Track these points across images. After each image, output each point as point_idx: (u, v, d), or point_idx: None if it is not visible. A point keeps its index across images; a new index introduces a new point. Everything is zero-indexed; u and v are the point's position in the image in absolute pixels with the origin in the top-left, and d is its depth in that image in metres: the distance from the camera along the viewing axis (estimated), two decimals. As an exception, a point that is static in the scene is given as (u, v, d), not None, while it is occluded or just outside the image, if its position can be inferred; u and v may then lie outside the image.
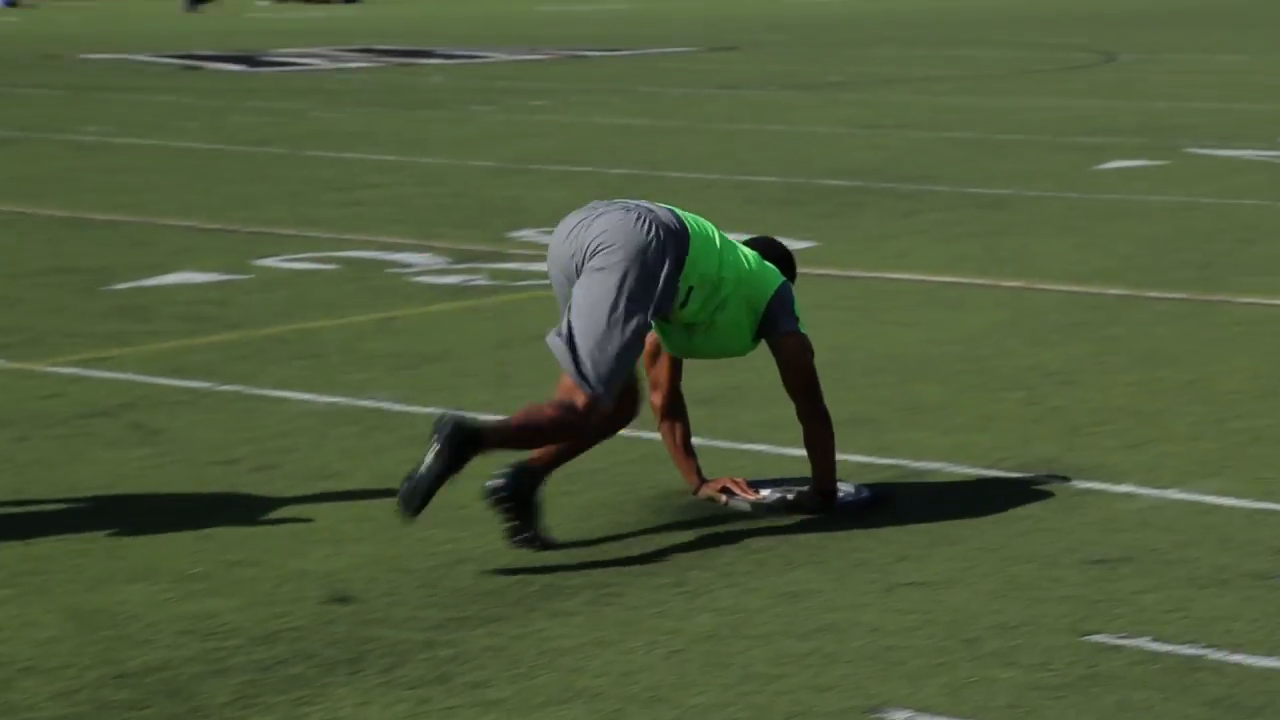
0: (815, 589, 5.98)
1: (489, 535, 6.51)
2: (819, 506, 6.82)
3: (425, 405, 8.42)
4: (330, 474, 7.35)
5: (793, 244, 12.74)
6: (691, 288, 6.60)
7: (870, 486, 7.11)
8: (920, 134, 20.03)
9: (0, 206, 13.91)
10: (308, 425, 8.09)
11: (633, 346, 6.46)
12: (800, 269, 7.42)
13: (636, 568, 6.23)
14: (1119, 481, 7.21)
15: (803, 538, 6.53)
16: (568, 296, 6.62)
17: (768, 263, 6.88)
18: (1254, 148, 18.55)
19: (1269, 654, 5.36)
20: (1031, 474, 7.31)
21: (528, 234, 13.35)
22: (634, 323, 6.43)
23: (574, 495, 7.03)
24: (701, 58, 32.82)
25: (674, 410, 7.13)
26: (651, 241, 6.50)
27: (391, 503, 6.33)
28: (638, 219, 6.54)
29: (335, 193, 15.56)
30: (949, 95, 24.97)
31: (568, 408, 6.48)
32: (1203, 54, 32.41)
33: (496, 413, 8.22)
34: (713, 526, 6.68)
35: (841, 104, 23.83)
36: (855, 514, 6.81)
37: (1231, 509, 6.85)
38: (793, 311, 6.86)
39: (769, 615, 5.75)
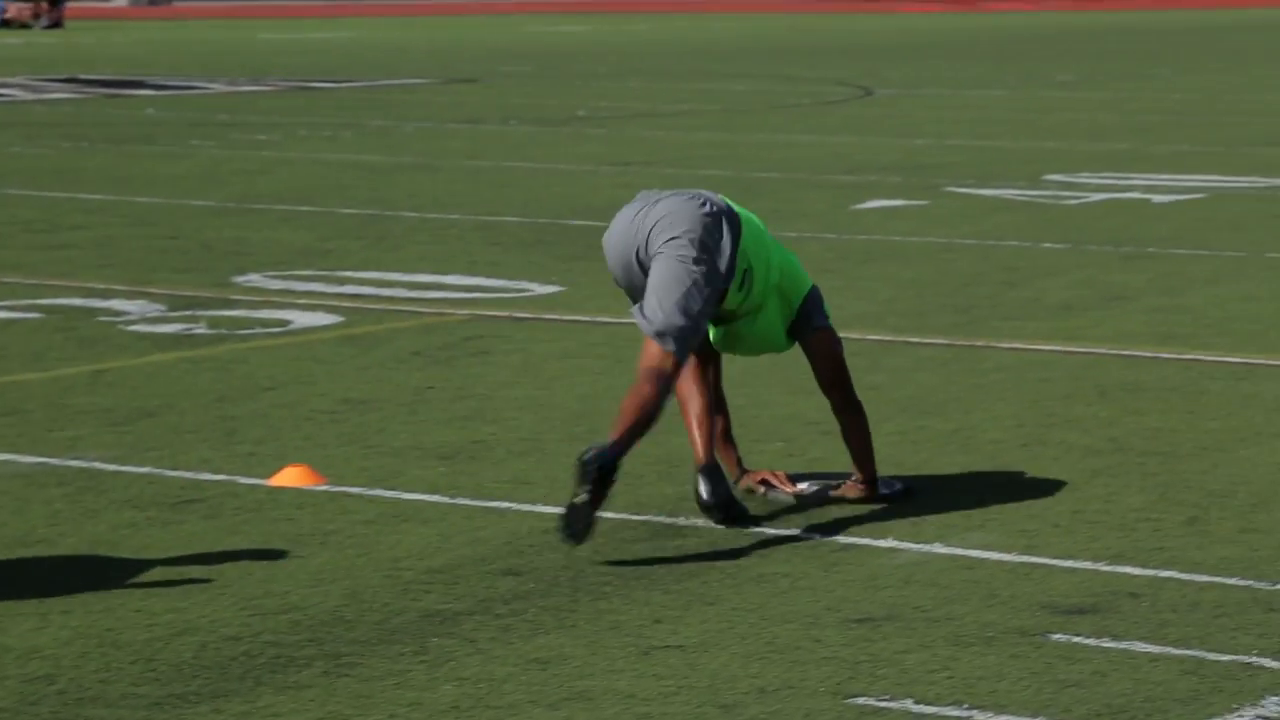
0: (566, 654, 6.02)
1: (214, 604, 6.47)
2: (863, 496, 7.59)
3: (141, 465, 8.33)
4: (35, 540, 7.24)
5: (538, 288, 12.88)
6: (747, 269, 7.43)
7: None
8: (671, 171, 20.21)
9: None
10: (10, 488, 7.96)
11: (707, 309, 7.31)
12: (542, 315, 7.49)
13: (373, 635, 6.22)
14: (881, 536, 7.34)
15: (552, 600, 6.56)
16: (632, 283, 7.46)
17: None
18: (1013, 186, 18.97)
19: (1034, 714, 5.49)
20: (792, 530, 7.42)
21: (253, 279, 13.27)
22: (708, 286, 7.28)
23: (305, 559, 7.01)
24: (438, 90, 32.85)
25: (716, 404, 7.74)
26: (711, 218, 7.39)
27: (102, 572, 6.25)
28: (695, 199, 7.43)
29: (37, 234, 15.36)
30: (701, 130, 25.24)
31: (659, 375, 7.35)
32: (961, 89, 33.09)
33: (217, 473, 8.20)
34: (453, 589, 6.68)
35: (588, 140, 23.98)
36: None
37: (996, 563, 7.00)
38: (823, 309, 7.74)
39: (516, 684, 5.77)
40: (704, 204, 7.44)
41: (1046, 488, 8.05)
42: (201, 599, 6.56)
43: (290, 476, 8.10)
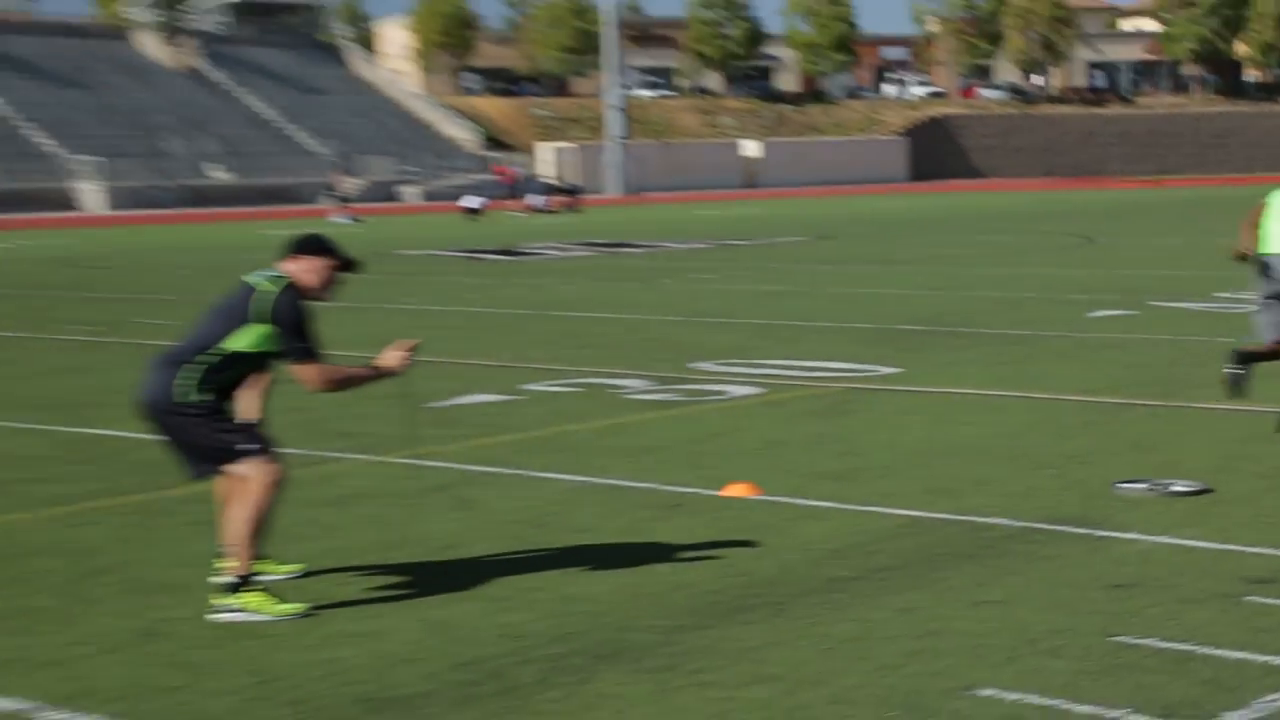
0: (920, 606, 5.92)
1: (698, 567, 6.53)
2: None
3: (645, 481, 8.44)
4: (585, 528, 7.39)
5: (885, 369, 12.72)
6: None
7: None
8: (964, 293, 19.86)
9: (354, 352, 14.16)
10: (567, 496, 8.15)
11: None
12: (889, 387, 7.40)
13: (797, 591, 6.21)
14: (1126, 530, 7.10)
15: (911, 570, 6.47)
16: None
17: None
18: (1195, 301, 18.22)
19: (1239, 649, 5.26)
20: (1062, 525, 7.22)
21: (704, 365, 13.38)
22: None
23: (752, 543, 7.01)
24: (810, 244, 32.79)
25: None
26: None
27: (627, 544, 6.35)
28: None
29: (572, 339, 15.68)
30: (981, 267, 24.72)
31: None
32: (1153, 238, 31.87)
33: (691, 487, 8.27)
34: (845, 562, 6.63)
35: (909, 274, 23.69)
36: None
37: (1204, 549, 6.72)
38: None
39: (889, 625, 5.70)
40: None
41: (1236, 499, 7.71)
42: (689, 564, 6.63)
43: (738, 489, 8.13)
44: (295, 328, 5.95)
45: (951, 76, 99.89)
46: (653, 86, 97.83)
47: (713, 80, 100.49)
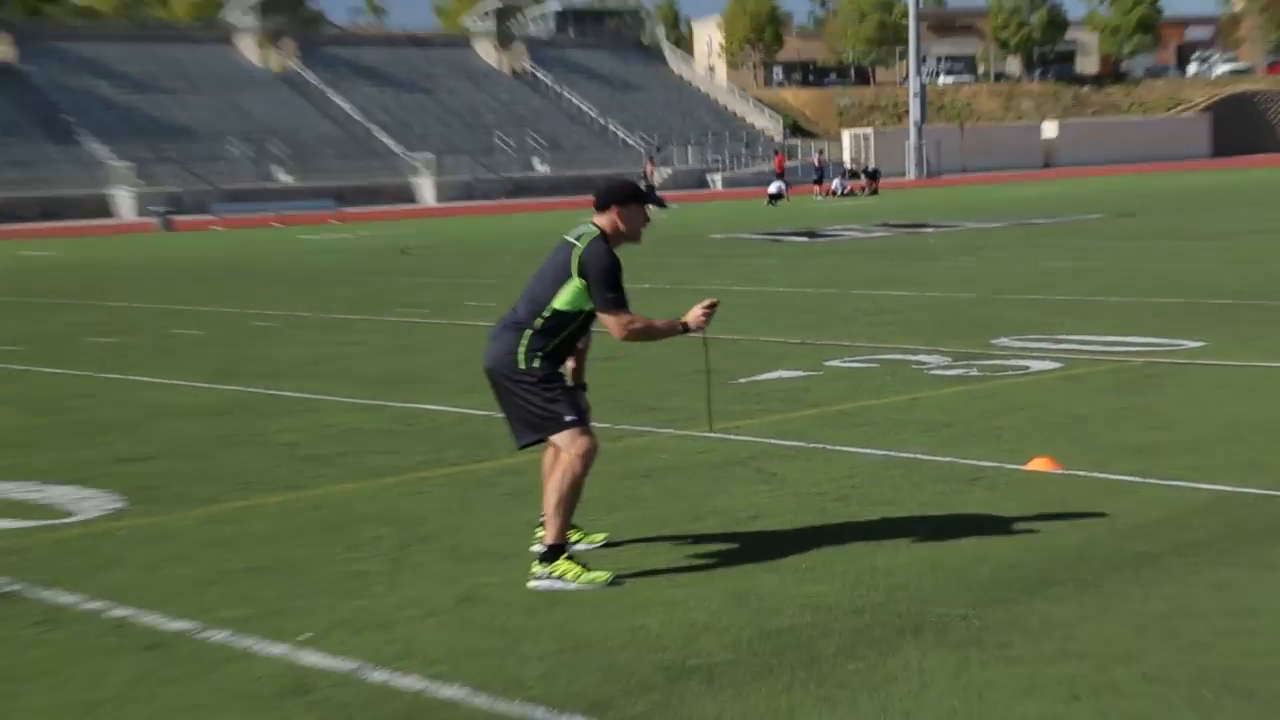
0: (1235, 583, 5.48)
1: (998, 543, 6.22)
2: None
3: (944, 456, 8.14)
4: (886, 501, 7.16)
5: (1190, 344, 11.99)
6: None
7: None
8: (1271, 267, 18.62)
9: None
10: (868, 469, 7.92)
11: None
12: (1195, 361, 6.88)
13: (1106, 565, 5.83)
14: None
15: (1226, 545, 6.01)
16: None
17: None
18: None
19: None
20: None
21: (1004, 341, 12.88)
22: None
23: (1054, 518, 6.66)
24: (1109, 221, 31.41)
25: None
26: None
27: (928, 517, 6.09)
28: None
29: (872, 316, 15.37)
30: (1292, 239, 23.20)
31: None
32: None
33: (991, 461, 7.91)
34: (1155, 537, 6.21)
35: (1216, 248, 22.38)
36: None
37: None
38: None
39: (1203, 602, 5.30)
40: None
41: None
42: (991, 538, 6.33)
43: (1039, 464, 7.76)
44: (603, 278, 5.86)
45: (1257, 54, 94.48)
46: (953, 73, 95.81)
47: (1012, 65, 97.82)
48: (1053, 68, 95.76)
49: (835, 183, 57.13)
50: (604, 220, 6.05)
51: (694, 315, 5.98)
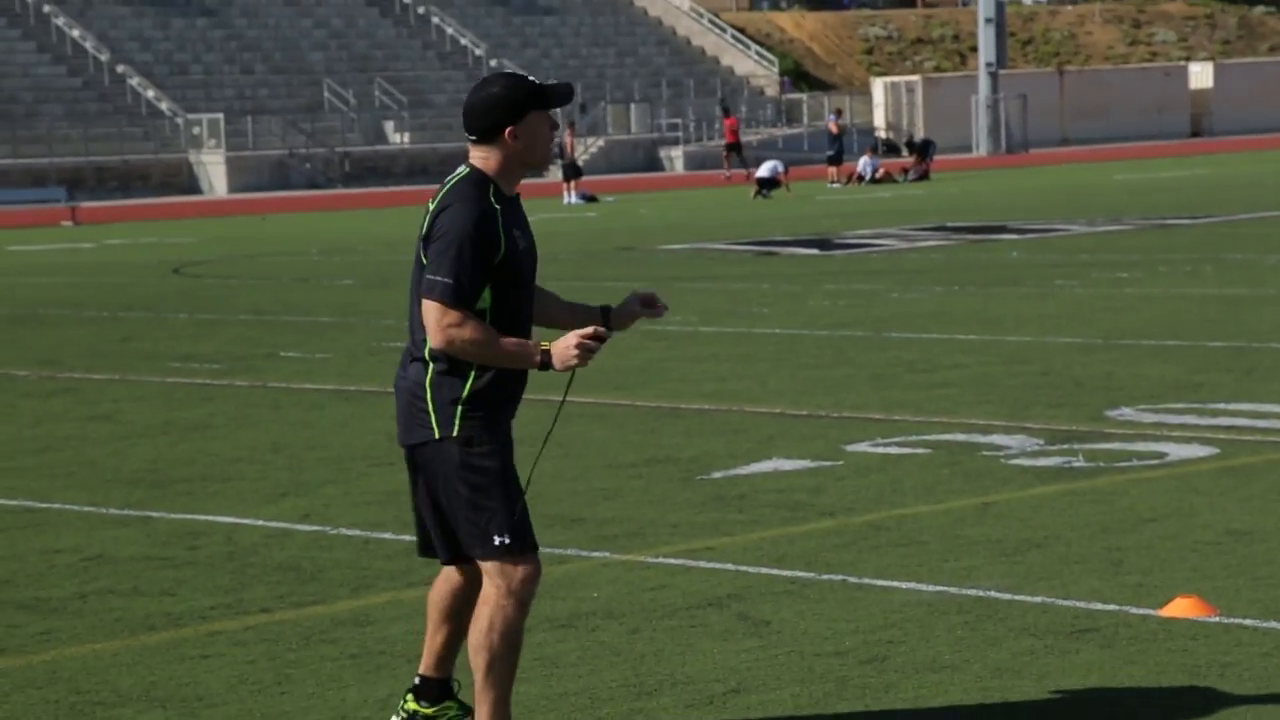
0: None
1: (1116, 732, 6.35)
2: None
3: (1033, 594, 8.31)
4: (943, 666, 7.30)
5: None
6: None
7: None
8: None
9: (594, 398, 14.35)
10: (914, 615, 8.07)
11: None
12: None
13: None
14: None
15: None
16: None
17: None
18: None
19: None
20: None
21: (1126, 413, 13.11)
22: None
23: (1203, 690, 6.81)
24: (1293, 222, 31.99)
25: None
26: None
27: (1006, 688, 6.21)
28: None
29: (920, 374, 15.58)
30: None
31: None
32: None
33: (1107, 603, 8.09)
34: None
35: None
36: None
37: None
38: None
39: None
40: None
41: None
42: (1105, 727, 6.49)
43: (1182, 607, 7.93)
44: (445, 243, 6.07)
45: None
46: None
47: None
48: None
49: (863, 162, 57.82)
50: (482, 154, 6.23)
51: (563, 347, 6.12)
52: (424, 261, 6.09)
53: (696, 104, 77.04)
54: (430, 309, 6.01)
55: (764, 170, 51.45)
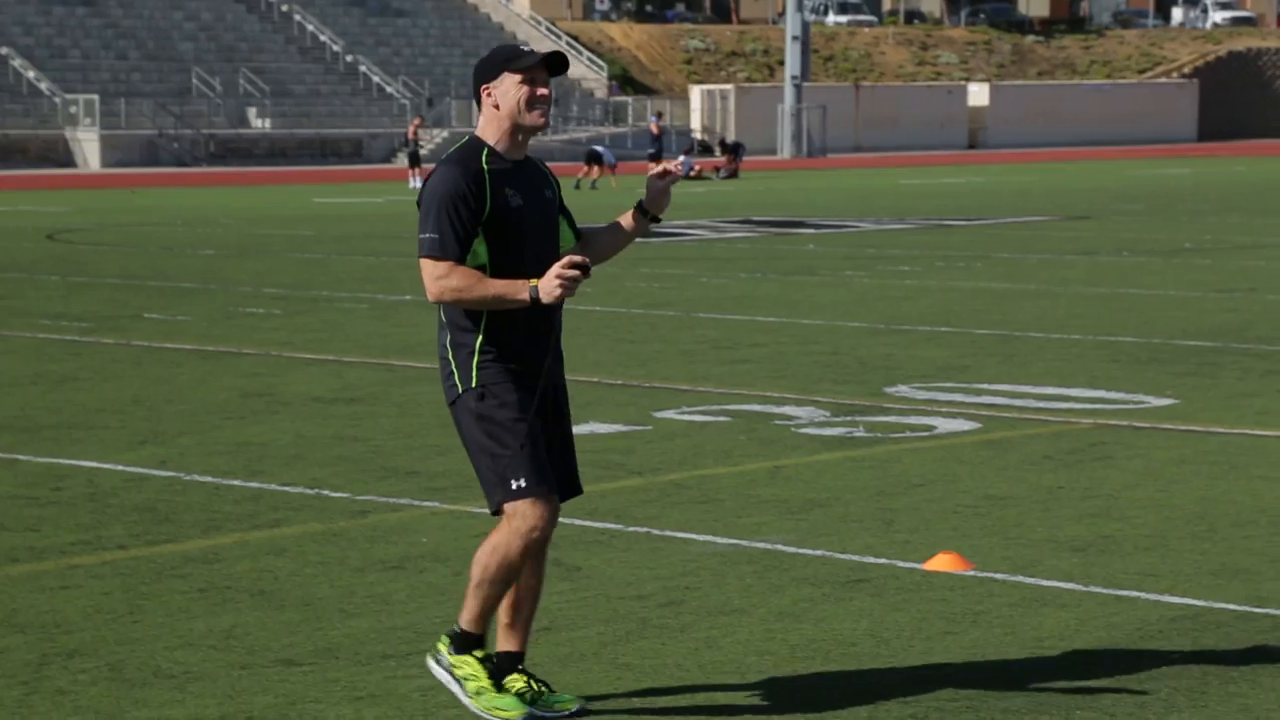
0: (1195, 731, 5.79)
1: (886, 674, 6.43)
2: None
3: (815, 548, 8.39)
4: (732, 609, 7.35)
5: (1154, 401, 12.51)
6: None
7: None
8: (1274, 298, 19.47)
9: (427, 364, 14.29)
10: (709, 564, 8.12)
11: None
12: (1160, 425, 7.05)
13: (1024, 706, 6.10)
14: None
15: (1184, 683, 6.33)
16: None
17: None
18: None
19: None
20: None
21: (902, 390, 13.26)
22: None
23: (958, 634, 6.93)
24: (1057, 226, 32.45)
25: None
26: None
27: (788, 629, 6.26)
28: None
29: (723, 351, 15.66)
30: (1297, 261, 24.22)
31: None
32: None
33: (879, 557, 8.19)
34: (1092, 669, 6.52)
35: (1195, 269, 23.32)
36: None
37: None
38: None
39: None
40: None
41: None
42: (874, 666, 6.55)
43: (942, 562, 8.04)
44: (429, 205, 5.96)
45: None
46: (849, 10, 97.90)
47: (930, 2, 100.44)
48: (986, 8, 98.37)
49: (680, 160, 57.94)
50: (479, 122, 6.11)
51: (545, 279, 5.92)
52: None
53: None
54: (422, 266, 5.95)
55: (600, 149, 51.70)
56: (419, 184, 50.04)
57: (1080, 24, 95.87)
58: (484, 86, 6.04)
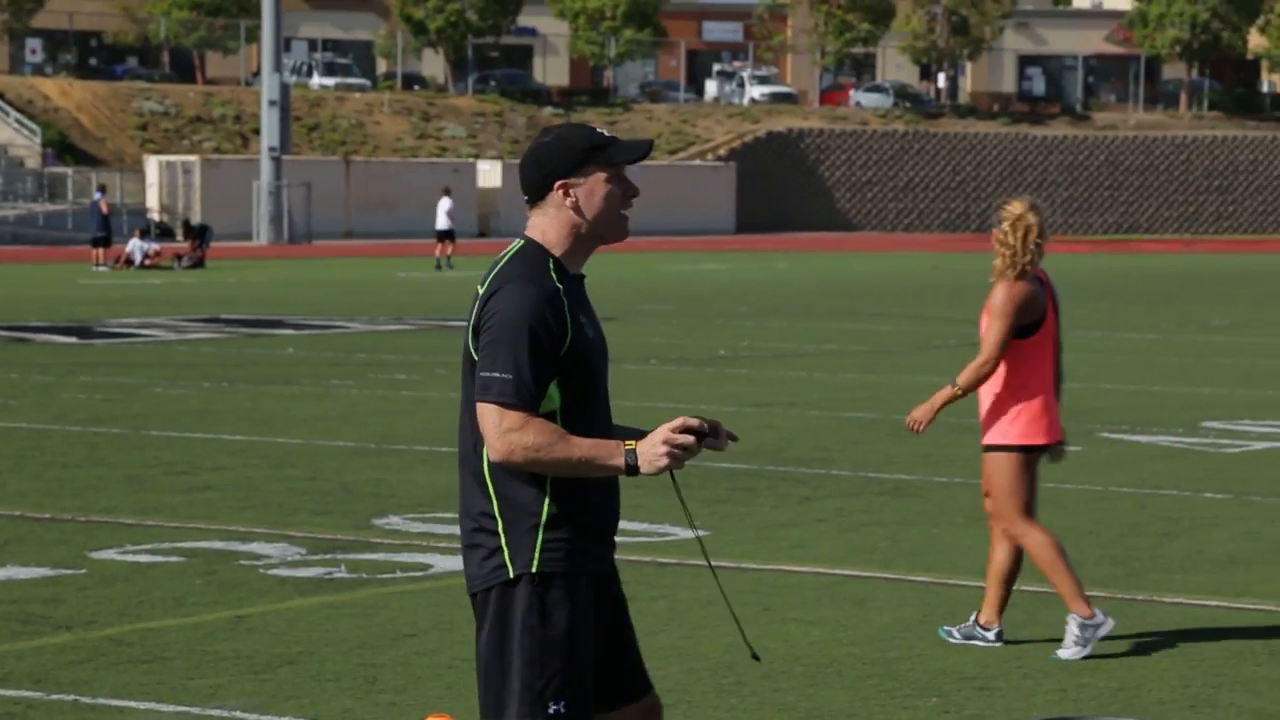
0: None
1: None
2: None
3: (281, 714, 8.36)
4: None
5: (682, 532, 12.85)
6: None
7: None
8: (816, 413, 20.21)
9: None
10: (151, 737, 8.02)
11: None
12: (688, 560, 7.22)
13: None
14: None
15: None
16: None
17: None
18: (1171, 433, 18.72)
19: None
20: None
21: (394, 521, 13.32)
22: None
23: None
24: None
25: None
26: None
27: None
28: None
29: (179, 476, 15.49)
30: (846, 372, 25.19)
31: None
32: (1113, 331, 32.93)
33: (361, 722, 8.19)
34: None
35: (730, 380, 24.00)
36: None
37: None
38: None
39: None
40: None
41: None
42: None
43: (434, 726, 8.09)
44: (499, 334, 5.54)
45: (810, 71, 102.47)
46: (335, 73, 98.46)
47: (433, 65, 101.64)
48: (496, 74, 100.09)
49: (132, 244, 57.20)
50: (538, 222, 5.69)
51: (649, 445, 5.47)
52: (475, 357, 5.54)
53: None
54: (486, 412, 5.45)
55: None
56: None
57: (604, 96, 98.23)
58: (562, 183, 5.65)
